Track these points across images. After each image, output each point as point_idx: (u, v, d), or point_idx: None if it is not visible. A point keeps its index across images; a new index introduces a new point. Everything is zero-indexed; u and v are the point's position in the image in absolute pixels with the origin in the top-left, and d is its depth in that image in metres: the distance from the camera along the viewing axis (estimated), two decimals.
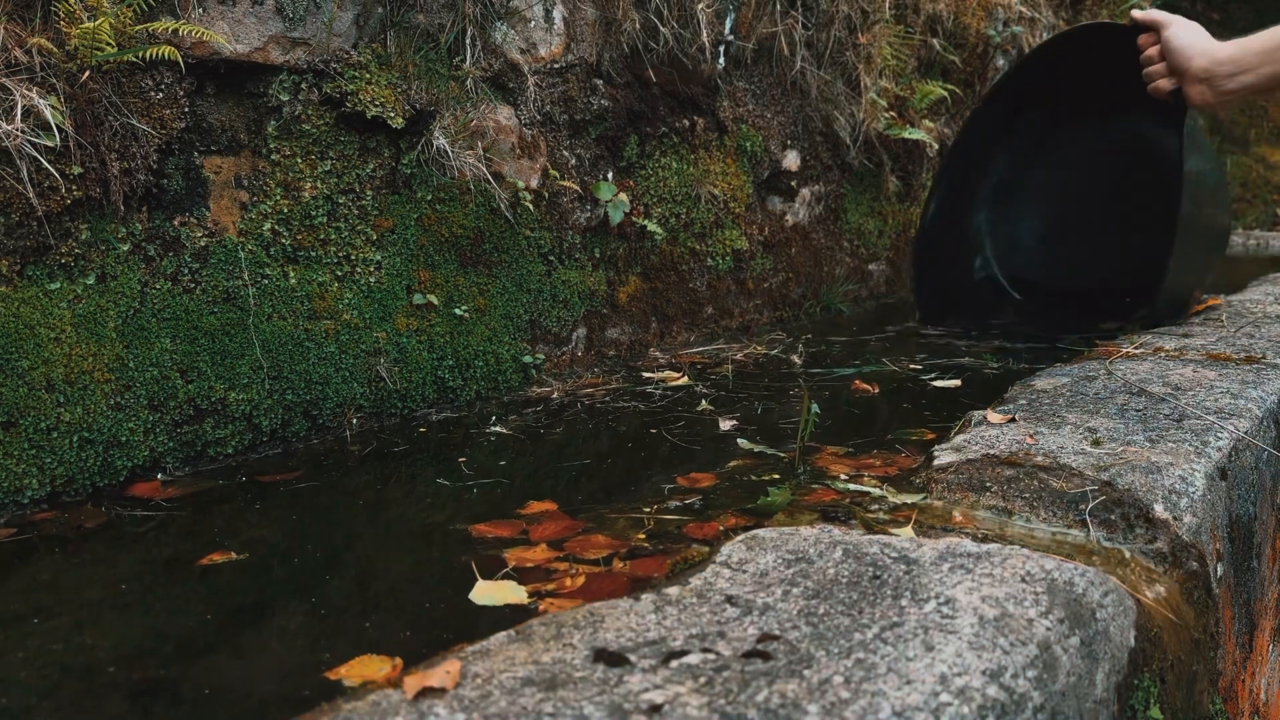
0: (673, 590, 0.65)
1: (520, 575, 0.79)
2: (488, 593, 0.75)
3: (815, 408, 1.09)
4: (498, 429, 1.25)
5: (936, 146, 2.48)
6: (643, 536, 0.86)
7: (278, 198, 1.20)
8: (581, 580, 0.76)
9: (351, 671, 0.63)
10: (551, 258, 1.54)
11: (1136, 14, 1.46)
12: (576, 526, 0.89)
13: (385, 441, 1.21)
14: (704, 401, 1.35)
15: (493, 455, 1.15)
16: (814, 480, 0.98)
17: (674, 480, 1.02)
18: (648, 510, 0.93)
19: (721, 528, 0.86)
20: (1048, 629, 0.59)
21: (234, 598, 0.79)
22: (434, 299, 1.35)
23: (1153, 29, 1.41)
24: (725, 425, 1.22)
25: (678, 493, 0.98)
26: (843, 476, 0.98)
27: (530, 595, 0.74)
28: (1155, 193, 1.83)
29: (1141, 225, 1.92)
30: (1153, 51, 1.41)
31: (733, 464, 1.07)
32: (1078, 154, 2.08)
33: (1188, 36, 1.34)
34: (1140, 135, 1.98)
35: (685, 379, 1.49)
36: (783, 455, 1.09)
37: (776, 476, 1.00)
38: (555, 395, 1.42)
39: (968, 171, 2.03)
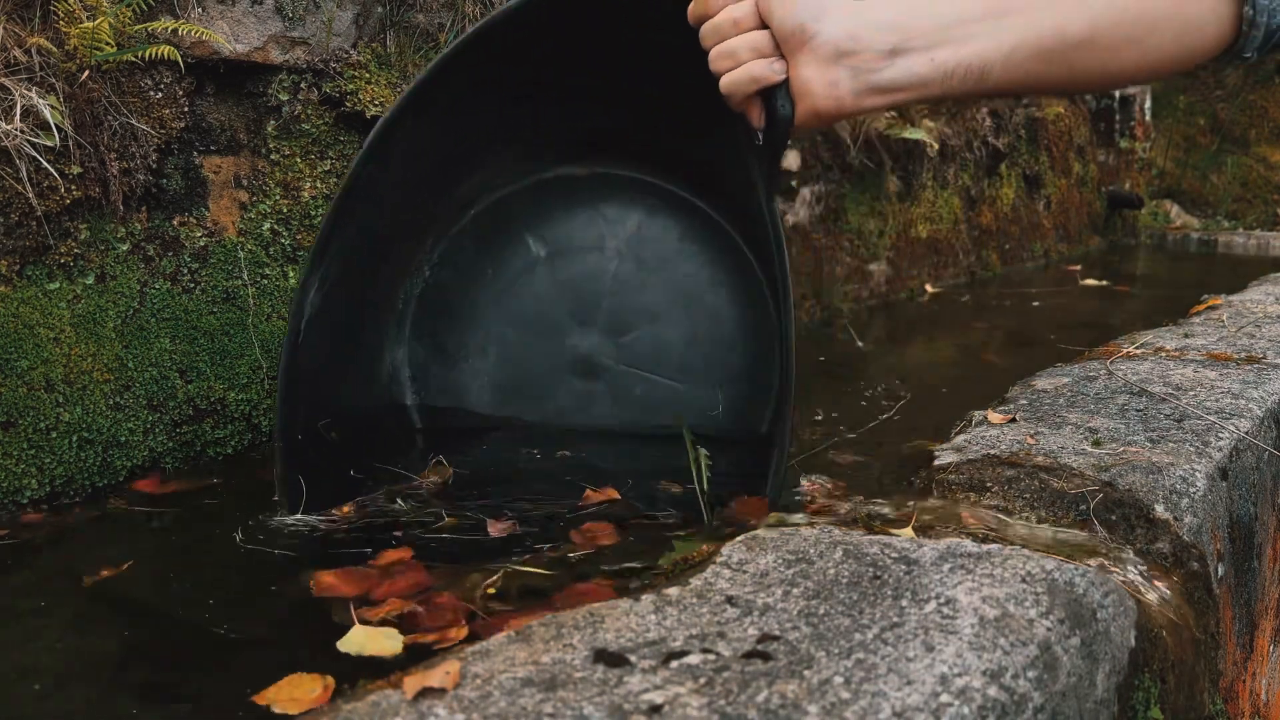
0: (673, 590, 0.64)
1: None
2: (359, 642, 0.67)
3: (705, 451, 0.91)
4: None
5: (937, 146, 2.48)
6: (493, 590, 0.75)
7: (277, 197, 1.20)
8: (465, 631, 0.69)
9: (280, 694, 0.60)
10: None
11: None
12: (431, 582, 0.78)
13: None
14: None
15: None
16: (727, 525, 0.86)
17: (568, 538, 0.86)
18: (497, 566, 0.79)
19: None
20: (1048, 629, 0.59)
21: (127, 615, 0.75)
22: None
23: None
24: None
25: (567, 545, 0.83)
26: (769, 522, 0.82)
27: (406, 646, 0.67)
28: (701, 309, 1.18)
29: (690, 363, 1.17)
30: (741, 10, 0.78)
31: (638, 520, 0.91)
32: (563, 238, 1.20)
33: None
34: (661, 208, 1.19)
35: None
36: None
37: (685, 533, 0.86)
38: None
39: (374, 262, 1.09)
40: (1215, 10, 0.79)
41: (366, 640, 0.66)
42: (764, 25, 0.79)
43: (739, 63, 0.79)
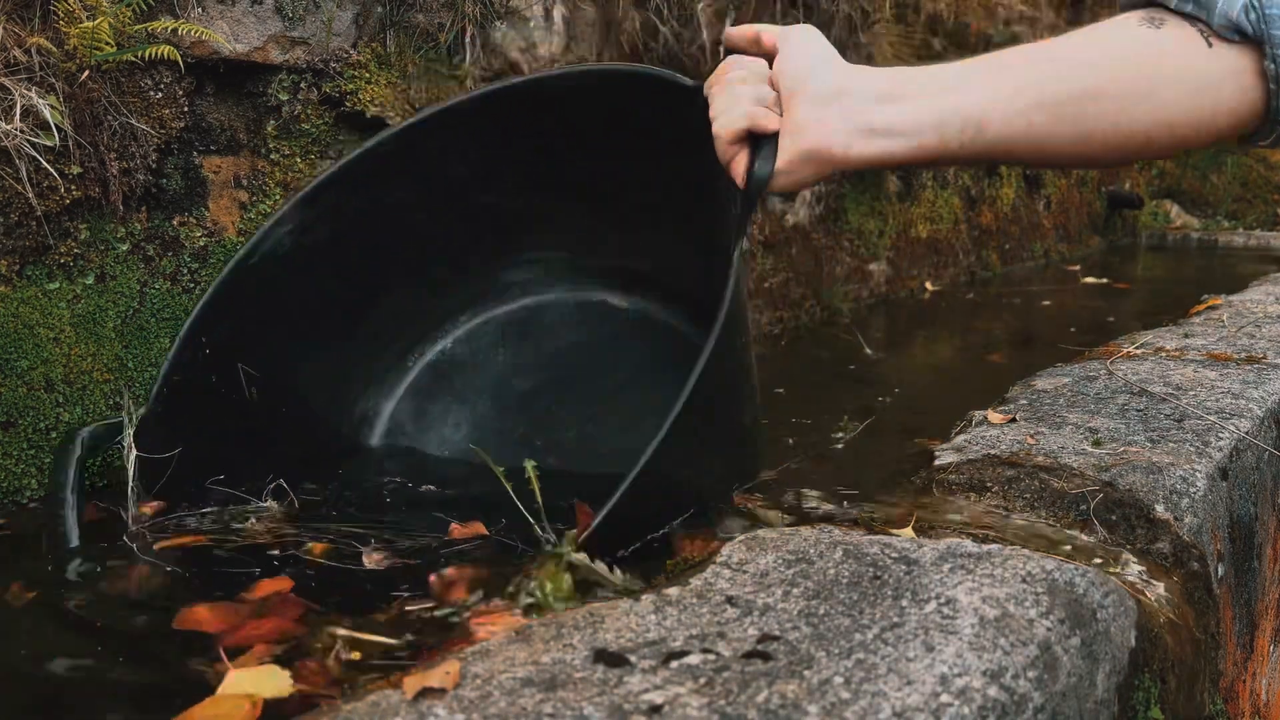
0: (673, 591, 0.64)
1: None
2: (240, 687, 0.59)
3: (531, 463, 0.79)
4: None
5: None
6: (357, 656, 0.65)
7: (277, 197, 1.20)
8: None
9: (205, 713, 0.56)
10: None
11: (738, 30, 0.85)
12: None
13: None
14: None
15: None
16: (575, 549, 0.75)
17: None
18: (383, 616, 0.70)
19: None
20: (1048, 629, 0.59)
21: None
22: None
23: (767, 50, 0.82)
24: None
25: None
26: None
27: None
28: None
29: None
30: (751, 69, 0.81)
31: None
32: (581, 355, 1.21)
33: (821, 45, 0.79)
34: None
35: None
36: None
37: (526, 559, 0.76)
38: None
39: (405, 301, 1.16)
40: (1231, 66, 0.75)
41: (248, 685, 0.59)
42: (774, 87, 0.80)
43: (736, 102, 0.79)
